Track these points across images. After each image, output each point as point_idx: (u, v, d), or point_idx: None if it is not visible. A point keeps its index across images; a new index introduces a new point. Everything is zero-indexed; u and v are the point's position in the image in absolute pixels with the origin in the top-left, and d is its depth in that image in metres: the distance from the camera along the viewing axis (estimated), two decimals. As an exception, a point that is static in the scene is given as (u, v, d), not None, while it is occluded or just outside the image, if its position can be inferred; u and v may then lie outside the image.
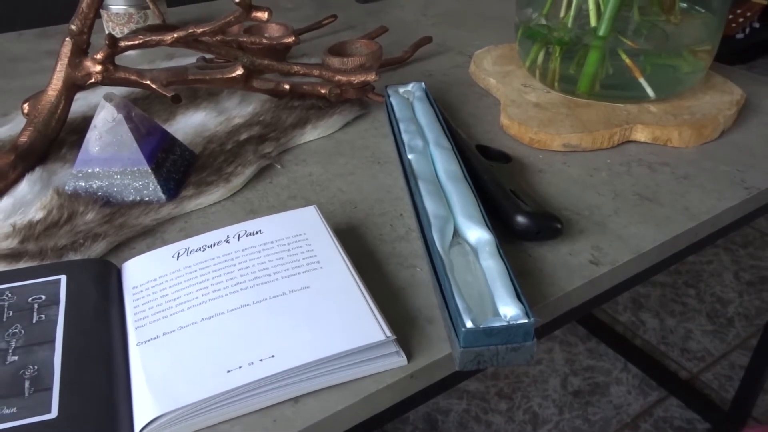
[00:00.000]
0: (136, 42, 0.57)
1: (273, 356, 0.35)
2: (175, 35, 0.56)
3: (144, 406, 0.33)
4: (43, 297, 0.39)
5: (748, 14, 2.39)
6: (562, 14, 0.69)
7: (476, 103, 0.72)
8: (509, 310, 0.38)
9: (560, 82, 0.69)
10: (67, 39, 0.58)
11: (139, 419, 0.32)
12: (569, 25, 0.67)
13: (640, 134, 0.63)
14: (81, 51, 0.58)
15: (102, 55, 0.57)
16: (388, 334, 0.37)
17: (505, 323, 0.37)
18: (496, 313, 0.39)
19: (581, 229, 0.51)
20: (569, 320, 0.48)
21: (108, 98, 0.51)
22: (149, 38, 0.57)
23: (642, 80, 0.66)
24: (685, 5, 0.70)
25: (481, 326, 0.36)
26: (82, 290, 0.40)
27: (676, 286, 1.32)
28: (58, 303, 0.39)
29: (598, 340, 1.18)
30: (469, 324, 0.36)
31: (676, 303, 1.28)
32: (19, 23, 1.04)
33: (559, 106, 0.67)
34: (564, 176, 0.58)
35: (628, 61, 0.65)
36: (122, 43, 0.57)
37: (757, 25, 2.43)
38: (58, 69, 0.58)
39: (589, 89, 0.67)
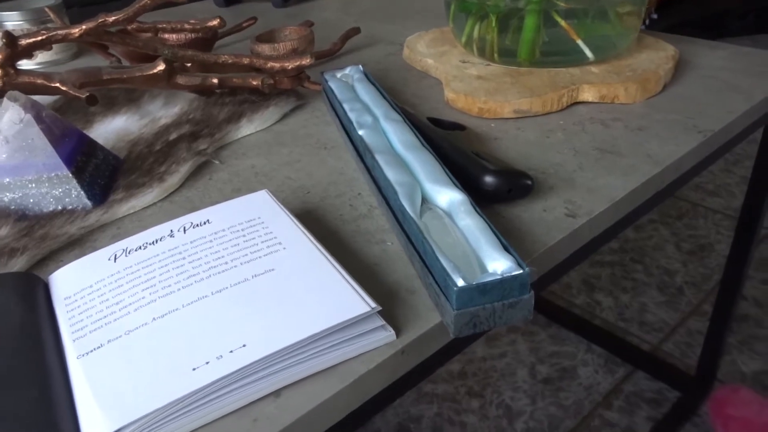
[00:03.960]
0: (39, 39, 0.51)
1: (244, 345, 0.30)
2: (84, 27, 0.51)
3: (93, 425, 0.27)
4: (-47, 319, 0.32)
5: (645, 6, 2.51)
6: (491, -15, 0.67)
7: (417, 84, 0.69)
8: (499, 264, 0.35)
9: (499, 53, 0.67)
10: (-42, 44, 0.51)
11: (90, 439, 0.27)
12: (501, -7, 0.66)
13: (587, 94, 0.62)
14: (-25, 56, 0.51)
15: (0, 57, 0.51)
16: (372, 305, 0.32)
17: (499, 276, 0.33)
18: (485, 270, 0.35)
19: (550, 186, 0.48)
20: (555, 279, 0.45)
21: (12, 98, 0.45)
22: (54, 33, 0.51)
23: (580, 42, 0.65)
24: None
25: (474, 282, 0.33)
26: (3, 307, 0.34)
27: (623, 263, 1.34)
28: (-28, 324, 0.32)
29: (558, 326, 1.17)
30: (460, 282, 0.33)
31: (626, 280, 1.29)
32: None
33: (502, 76, 0.65)
34: (520, 141, 0.55)
35: (563, 23, 0.64)
36: (23, 41, 0.50)
37: (655, 16, 2.56)
38: (-51, 78, 0.51)
39: (530, 56, 0.65)
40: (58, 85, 0.52)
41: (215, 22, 0.54)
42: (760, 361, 1.08)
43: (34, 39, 0.51)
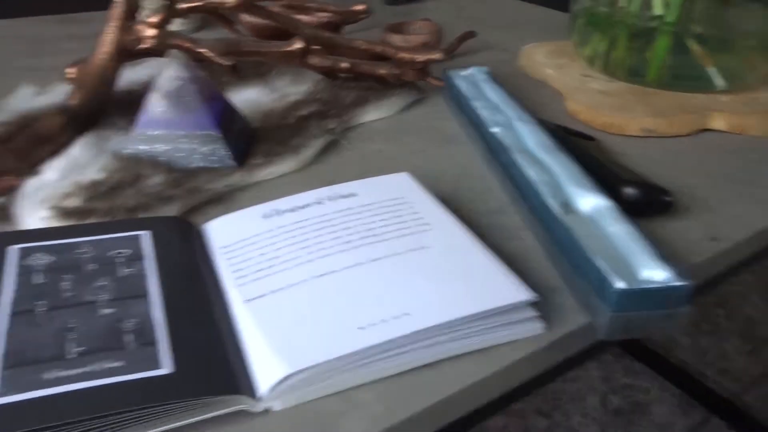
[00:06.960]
0: (197, 5, 0.53)
1: (408, 314, 0.30)
2: (241, -2, 0.52)
3: (269, 366, 0.28)
4: (128, 251, 0.34)
5: None
6: (623, 3, 0.66)
7: (534, 92, 0.69)
8: (656, 273, 0.34)
9: (626, 71, 0.66)
10: (120, 0, 0.53)
11: (265, 379, 0.27)
12: (635, 11, 0.65)
13: (717, 122, 0.61)
14: (132, 14, 0.54)
15: (158, 18, 0.53)
16: (532, 294, 0.32)
17: (662, 284, 0.33)
18: (637, 277, 0.34)
19: (686, 206, 0.47)
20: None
21: (174, 56, 0.47)
22: (210, 1, 0.53)
23: (712, 69, 0.64)
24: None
25: (638, 287, 0.32)
26: (169, 246, 0.35)
27: (705, 305, 1.29)
28: (142, 258, 0.34)
29: (632, 358, 1.14)
30: (621, 284, 0.32)
31: (706, 323, 1.25)
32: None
33: (626, 93, 0.64)
34: (648, 159, 0.55)
35: (696, 47, 0.63)
36: (182, 5, 0.52)
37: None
38: (108, 32, 0.53)
39: (658, 77, 0.64)
40: (204, 51, 0.54)
41: (361, 7, 0.55)
42: (840, 426, 1.03)
43: (191, 4, 0.53)
